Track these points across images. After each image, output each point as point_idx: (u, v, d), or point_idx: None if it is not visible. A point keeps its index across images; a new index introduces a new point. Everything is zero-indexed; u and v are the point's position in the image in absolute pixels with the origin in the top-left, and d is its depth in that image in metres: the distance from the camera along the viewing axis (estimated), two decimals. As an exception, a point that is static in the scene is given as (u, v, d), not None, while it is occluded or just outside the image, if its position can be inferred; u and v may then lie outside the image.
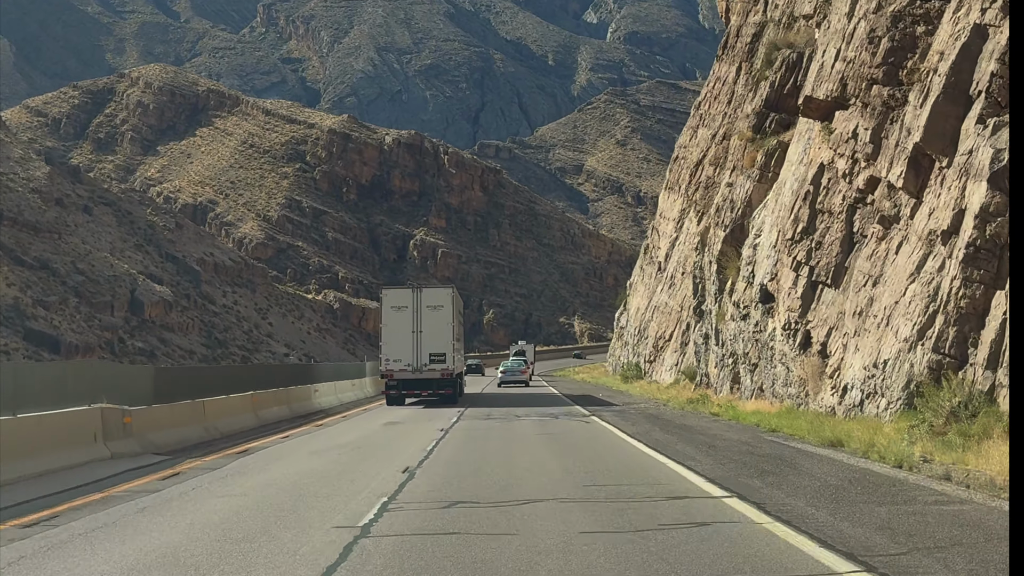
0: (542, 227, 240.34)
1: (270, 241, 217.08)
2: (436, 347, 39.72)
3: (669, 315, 48.43)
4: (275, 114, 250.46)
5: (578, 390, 55.05)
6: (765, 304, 25.22)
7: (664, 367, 47.46)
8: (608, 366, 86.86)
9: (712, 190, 42.51)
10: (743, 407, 25.20)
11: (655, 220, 63.48)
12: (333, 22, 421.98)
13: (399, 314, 39.93)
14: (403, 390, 40.69)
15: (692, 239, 43.43)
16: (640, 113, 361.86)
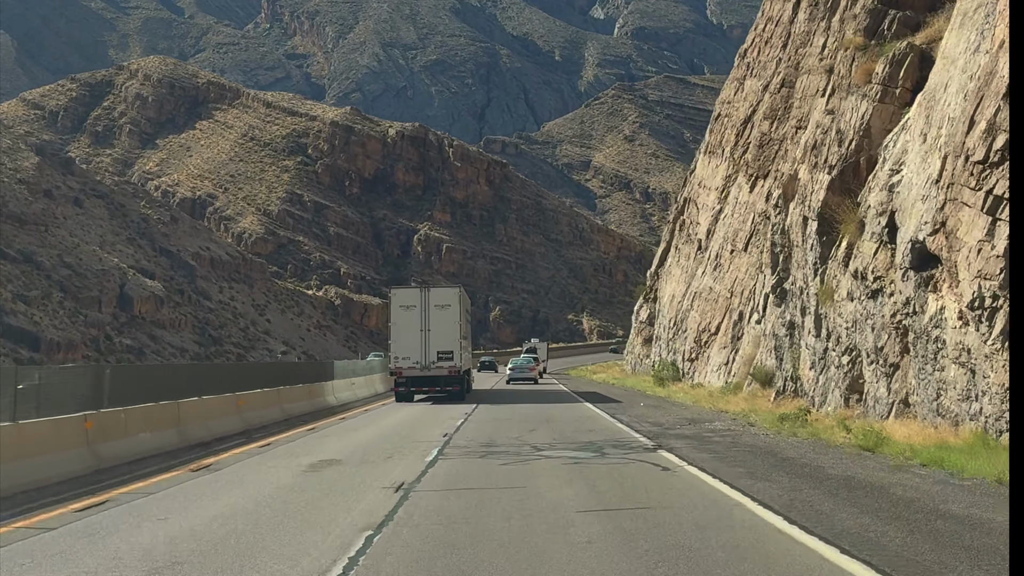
0: (550, 222, 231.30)
1: (270, 236, 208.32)
2: (444, 345, 40.01)
3: (715, 303, 39.47)
4: (276, 106, 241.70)
5: (604, 392, 45.81)
6: (921, 271, 16.26)
7: (710, 367, 38.45)
8: (627, 364, 77.70)
9: (768, 148, 33.70)
10: (890, 432, 16.20)
11: (689, 190, 54.12)
12: (338, 17, 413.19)
13: (408, 313, 40.36)
14: (412, 387, 40.76)
15: (743, 208, 34.86)
16: (648, 108, 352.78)
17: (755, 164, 34.63)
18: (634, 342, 72.03)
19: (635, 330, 72.56)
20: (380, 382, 53.21)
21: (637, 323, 71.98)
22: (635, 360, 70.93)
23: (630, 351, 75.45)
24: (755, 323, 31.86)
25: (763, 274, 30.78)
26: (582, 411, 31.57)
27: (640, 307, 72.28)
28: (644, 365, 67.60)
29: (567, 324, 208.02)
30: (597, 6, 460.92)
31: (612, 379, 64.49)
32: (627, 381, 58.26)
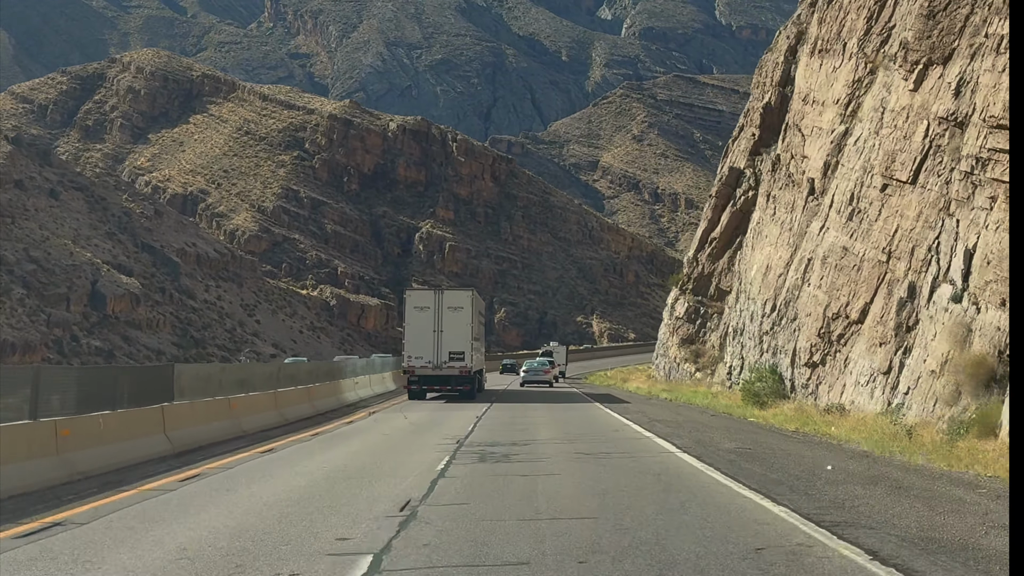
0: (557, 220, 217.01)
1: (264, 233, 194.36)
2: (455, 346, 40.16)
3: (855, 271, 25.13)
4: (273, 100, 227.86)
5: (687, 429, 31.07)
6: None
7: (851, 376, 24.09)
8: (655, 370, 63.43)
9: (949, 16, 19.69)
10: None
11: (789, 115, 39.07)
12: (342, 16, 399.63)
13: (421, 314, 40.74)
14: (424, 385, 40.87)
15: (903, 118, 21.17)
16: (657, 108, 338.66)
17: (922, 44, 21.02)
18: (667, 343, 57.73)
19: (668, 328, 58.22)
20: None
21: (671, 320, 57.62)
22: (669, 365, 56.62)
23: (661, 354, 61.14)
24: (950, 301, 17.82)
25: (958, 215, 16.75)
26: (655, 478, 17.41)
27: (676, 300, 57.89)
28: (683, 371, 53.28)
29: (576, 327, 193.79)
30: (604, 6, 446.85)
31: (661, 391, 49.93)
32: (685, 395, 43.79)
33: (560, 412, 35.74)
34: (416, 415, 33.38)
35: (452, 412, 34.09)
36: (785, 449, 19.70)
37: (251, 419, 26.85)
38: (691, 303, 55.67)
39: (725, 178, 56.08)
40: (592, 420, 30.40)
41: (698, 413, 33.31)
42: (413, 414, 33.75)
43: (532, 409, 38.06)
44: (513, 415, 33.69)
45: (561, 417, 32.73)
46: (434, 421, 31.29)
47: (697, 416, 31.65)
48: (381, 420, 32.22)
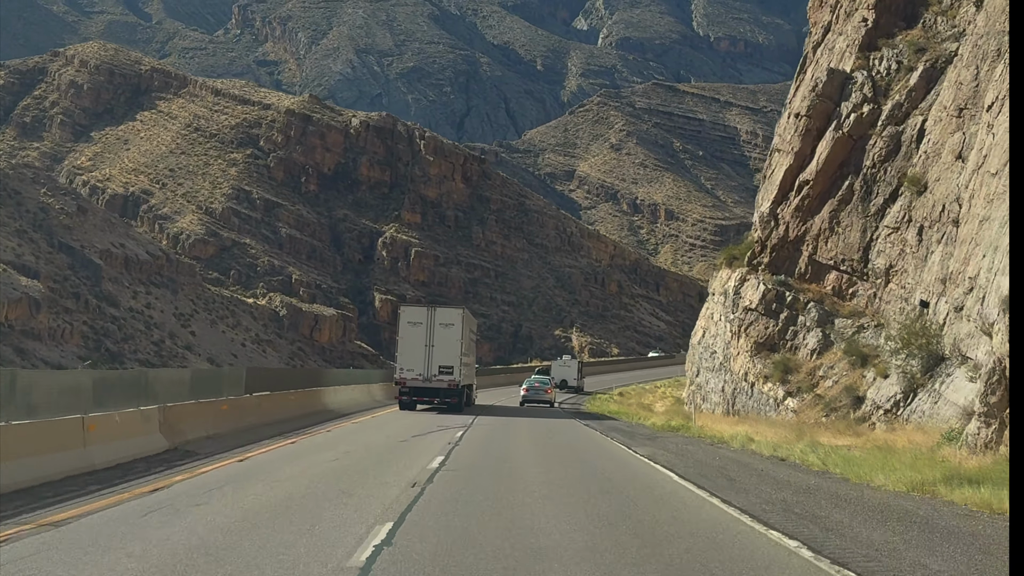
0: (534, 225, 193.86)
1: (211, 237, 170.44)
2: (445, 360, 41.08)
3: None
4: (226, 94, 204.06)
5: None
6: None
7: None
8: (709, 393, 40.70)
9: None
10: None
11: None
12: (311, 23, 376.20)
13: (414, 329, 41.62)
14: (414, 396, 41.72)
15: None
16: (635, 116, 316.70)
17: None
18: (727, 351, 34.57)
19: (730, 328, 34.88)
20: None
21: (736, 313, 34.19)
22: (733, 385, 33.32)
23: (711, 367, 38.21)
24: None
25: None
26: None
27: (741, 283, 34.55)
28: (760, 396, 30.00)
29: (554, 340, 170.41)
30: (580, 17, 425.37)
31: (748, 438, 25.93)
32: (787, 441, 20.64)
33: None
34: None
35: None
36: None
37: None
38: (771, 287, 32.59)
39: (822, 87, 33.04)
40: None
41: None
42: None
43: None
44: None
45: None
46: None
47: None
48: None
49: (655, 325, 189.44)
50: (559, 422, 36.11)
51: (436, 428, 28.50)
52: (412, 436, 25.94)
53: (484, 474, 17.75)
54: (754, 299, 33.45)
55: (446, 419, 33.92)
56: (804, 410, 28.84)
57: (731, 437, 24.69)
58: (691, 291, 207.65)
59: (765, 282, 33.21)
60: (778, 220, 34.02)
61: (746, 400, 32.45)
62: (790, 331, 32.02)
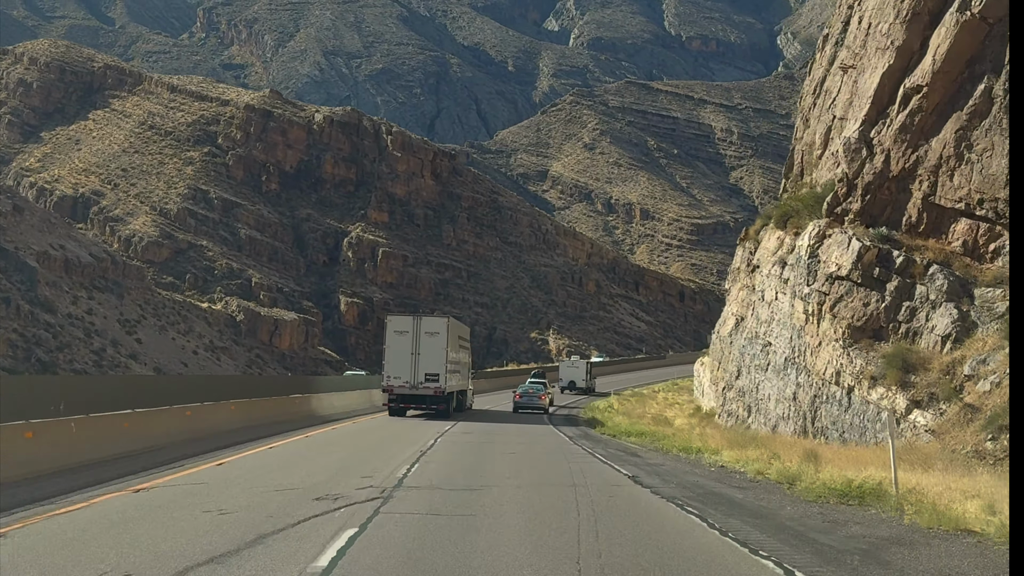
0: (507, 222, 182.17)
1: (166, 239, 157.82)
2: (431, 368, 41.39)
3: None
4: (182, 91, 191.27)
5: None
6: None
7: None
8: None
9: None
10: None
11: None
12: (278, 25, 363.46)
13: (401, 337, 42.01)
14: (401, 403, 42.28)
15: None
16: (609, 115, 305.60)
17: None
18: (803, 342, 22.45)
19: (801, 309, 22.81)
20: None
21: (815, 285, 22.19)
22: (812, 391, 21.28)
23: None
24: None
25: None
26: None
27: (816, 241, 22.57)
28: (870, 414, 17.76)
29: (530, 344, 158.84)
30: (551, 18, 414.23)
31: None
32: None
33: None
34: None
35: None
36: None
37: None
38: (870, 244, 21.08)
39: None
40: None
41: None
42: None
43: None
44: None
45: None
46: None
47: None
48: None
49: (635, 326, 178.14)
50: (542, 451, 25.26)
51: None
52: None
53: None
54: (844, 263, 22.08)
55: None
56: (948, 430, 17.47)
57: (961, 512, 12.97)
58: (671, 290, 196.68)
59: (859, 237, 21.88)
60: (872, 148, 22.70)
61: (839, 413, 21.10)
62: (904, 308, 20.77)
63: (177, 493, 16.16)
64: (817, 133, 29.22)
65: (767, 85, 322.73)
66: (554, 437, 30.28)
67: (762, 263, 28.66)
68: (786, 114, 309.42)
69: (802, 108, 36.50)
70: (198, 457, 21.70)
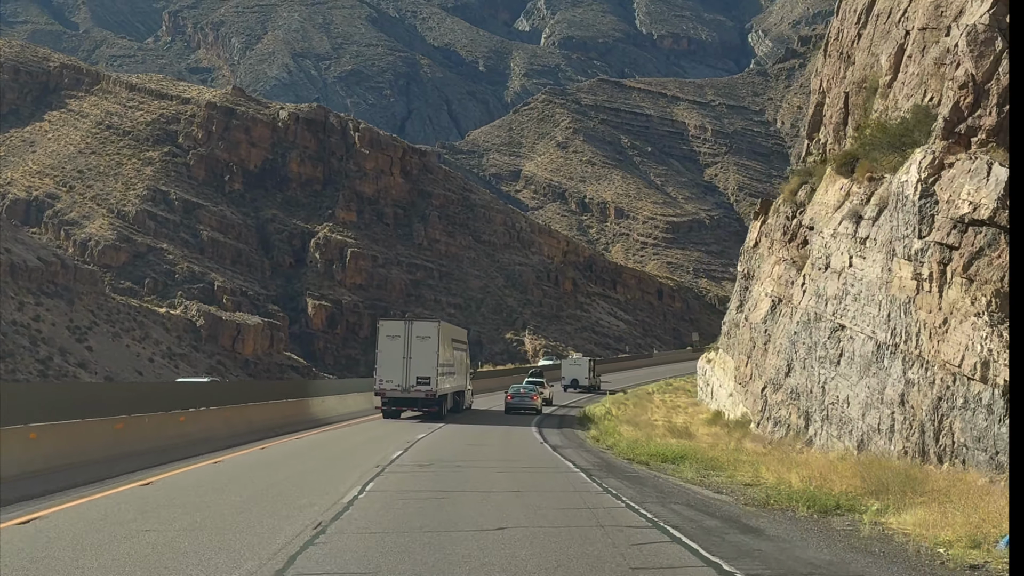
0: (480, 220, 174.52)
1: (124, 243, 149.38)
2: (422, 371, 41.78)
3: None
4: (142, 89, 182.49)
5: None
6: None
7: None
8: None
9: None
10: None
11: None
12: (245, 28, 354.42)
13: (393, 342, 42.31)
14: (393, 406, 42.71)
15: None
16: (582, 113, 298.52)
17: None
18: (918, 319, 14.34)
19: (911, 274, 14.81)
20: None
21: (917, 240, 13.99)
22: (936, 395, 13.20)
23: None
24: None
25: None
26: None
27: (929, 178, 14.46)
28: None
29: (505, 345, 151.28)
30: (522, 18, 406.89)
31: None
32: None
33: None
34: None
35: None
36: None
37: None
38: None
39: None
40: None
41: None
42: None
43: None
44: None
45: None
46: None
47: None
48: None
49: (614, 325, 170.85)
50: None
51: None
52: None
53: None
54: (984, 201, 14.44)
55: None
56: None
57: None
58: (649, 288, 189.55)
59: (1003, 163, 14.38)
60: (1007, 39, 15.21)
61: (987, 425, 13.50)
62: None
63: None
64: (883, 57, 22.01)
65: (740, 82, 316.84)
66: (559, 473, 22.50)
67: (820, 223, 21.39)
68: (760, 110, 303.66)
69: (839, 46, 29.15)
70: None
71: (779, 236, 26.88)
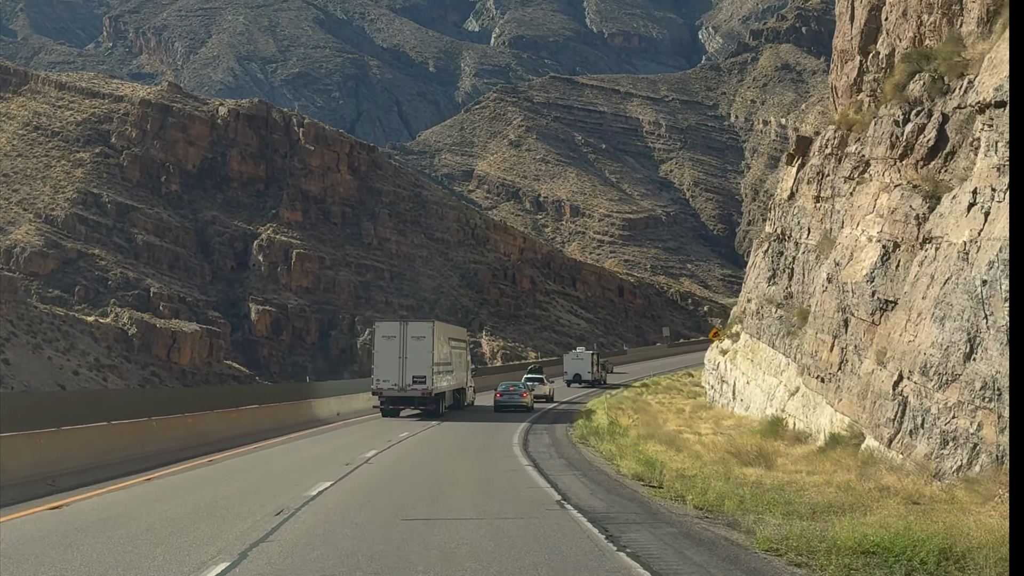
0: (433, 217, 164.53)
1: (52, 249, 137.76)
2: (418, 371, 42.05)
3: None
4: (72, 88, 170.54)
5: None
6: None
7: None
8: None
9: None
10: None
11: None
12: (188, 32, 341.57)
13: (389, 343, 42.64)
14: (390, 405, 43.18)
15: None
16: (534, 111, 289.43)
17: None
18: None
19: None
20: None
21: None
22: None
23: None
24: None
25: None
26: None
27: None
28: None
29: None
30: (471, 18, 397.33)
31: None
32: None
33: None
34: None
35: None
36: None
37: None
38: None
39: None
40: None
41: None
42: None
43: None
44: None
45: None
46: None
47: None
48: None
49: (575, 324, 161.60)
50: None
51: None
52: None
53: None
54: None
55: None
56: None
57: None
58: (610, 285, 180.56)
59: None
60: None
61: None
62: None
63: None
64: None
65: (693, 77, 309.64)
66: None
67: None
68: (713, 105, 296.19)
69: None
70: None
71: (884, 153, 17.86)
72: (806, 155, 24.71)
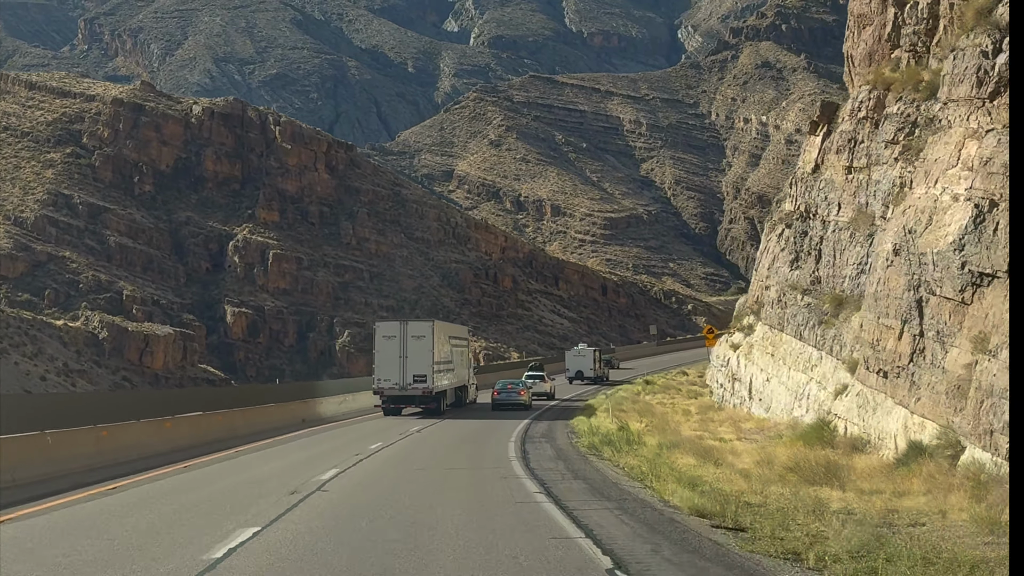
0: (413, 216, 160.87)
1: (21, 252, 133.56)
2: (418, 370, 42.43)
3: None
4: (42, 87, 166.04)
5: None
6: None
7: None
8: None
9: None
10: None
11: None
12: (164, 34, 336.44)
13: (389, 342, 42.91)
14: (391, 404, 43.64)
15: None
16: (514, 111, 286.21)
17: None
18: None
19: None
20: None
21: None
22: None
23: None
24: None
25: None
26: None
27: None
28: None
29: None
30: (450, 19, 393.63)
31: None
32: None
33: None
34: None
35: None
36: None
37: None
38: None
39: None
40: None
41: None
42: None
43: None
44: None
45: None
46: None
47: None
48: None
49: (558, 323, 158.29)
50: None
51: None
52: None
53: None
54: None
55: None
56: None
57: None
58: (593, 284, 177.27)
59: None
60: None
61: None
62: None
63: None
64: None
65: (674, 75, 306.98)
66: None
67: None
68: (694, 103, 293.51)
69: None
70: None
71: (969, 93, 14.56)
72: (832, 122, 21.44)
